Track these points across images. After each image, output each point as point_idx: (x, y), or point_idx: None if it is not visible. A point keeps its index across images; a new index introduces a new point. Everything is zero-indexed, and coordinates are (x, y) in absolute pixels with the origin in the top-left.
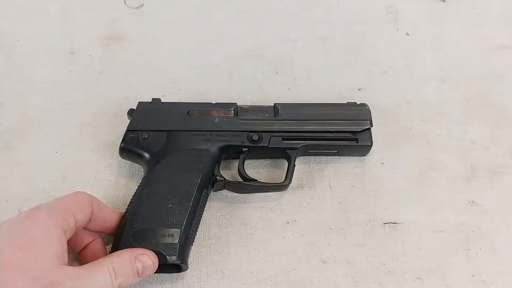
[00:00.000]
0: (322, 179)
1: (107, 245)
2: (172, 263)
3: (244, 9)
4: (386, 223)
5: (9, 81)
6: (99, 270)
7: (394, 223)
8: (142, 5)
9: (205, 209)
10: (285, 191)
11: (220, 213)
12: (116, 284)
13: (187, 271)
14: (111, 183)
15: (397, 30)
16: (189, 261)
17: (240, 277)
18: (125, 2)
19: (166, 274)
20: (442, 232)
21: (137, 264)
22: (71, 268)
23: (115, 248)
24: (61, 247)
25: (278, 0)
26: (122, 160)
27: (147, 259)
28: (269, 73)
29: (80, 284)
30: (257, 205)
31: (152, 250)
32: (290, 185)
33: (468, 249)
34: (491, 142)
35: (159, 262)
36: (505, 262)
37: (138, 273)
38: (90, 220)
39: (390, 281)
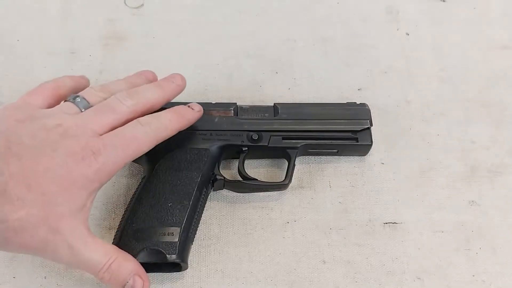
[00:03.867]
0: (322, 179)
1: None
2: (172, 262)
3: (244, 9)
4: (386, 223)
5: (9, 81)
6: (101, 252)
7: (394, 223)
8: (142, 5)
9: (205, 208)
10: (285, 191)
11: (220, 213)
12: (99, 276)
13: (187, 271)
14: (111, 183)
15: (397, 30)
16: (189, 261)
17: (240, 277)
18: (125, 2)
19: (166, 274)
20: (442, 232)
21: (129, 280)
22: (84, 227)
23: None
24: (89, 204)
25: (278, 0)
26: None
27: (140, 284)
28: (269, 73)
29: (77, 245)
30: (257, 205)
31: (151, 248)
32: (290, 185)
33: (468, 249)
34: (491, 142)
35: (159, 261)
36: (505, 262)
37: (123, 286)
38: None
39: (390, 281)
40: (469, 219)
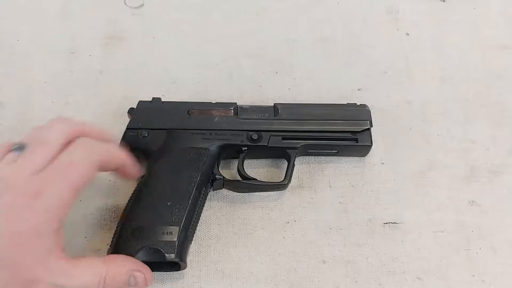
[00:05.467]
0: (322, 179)
1: (107, 243)
2: (170, 261)
3: (244, 9)
4: (386, 223)
5: (9, 81)
6: (90, 274)
7: (394, 223)
8: (142, 5)
9: (205, 208)
10: (285, 191)
11: (220, 213)
12: None
13: (187, 270)
14: (111, 183)
15: (397, 30)
16: (189, 261)
17: (240, 277)
18: (125, 2)
19: (166, 273)
20: (442, 232)
21: (131, 280)
22: (62, 261)
23: (114, 247)
24: (56, 240)
25: (278, 0)
26: None
27: (142, 277)
28: (269, 73)
29: (63, 281)
30: (257, 205)
31: (150, 247)
32: (290, 185)
33: (468, 249)
34: (491, 142)
35: (157, 260)
36: (505, 262)
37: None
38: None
39: (390, 281)
40: (469, 219)
